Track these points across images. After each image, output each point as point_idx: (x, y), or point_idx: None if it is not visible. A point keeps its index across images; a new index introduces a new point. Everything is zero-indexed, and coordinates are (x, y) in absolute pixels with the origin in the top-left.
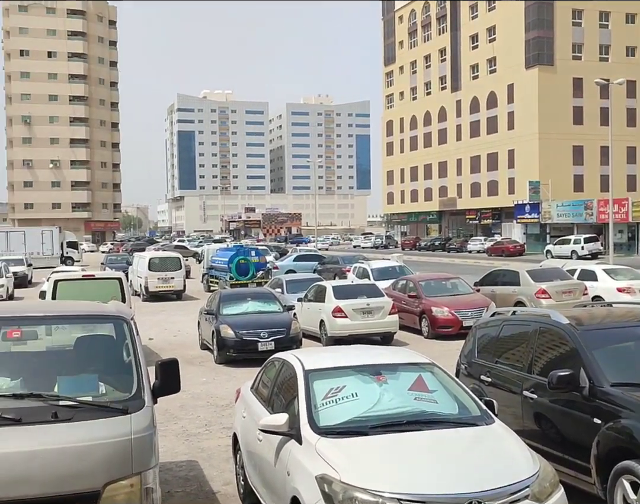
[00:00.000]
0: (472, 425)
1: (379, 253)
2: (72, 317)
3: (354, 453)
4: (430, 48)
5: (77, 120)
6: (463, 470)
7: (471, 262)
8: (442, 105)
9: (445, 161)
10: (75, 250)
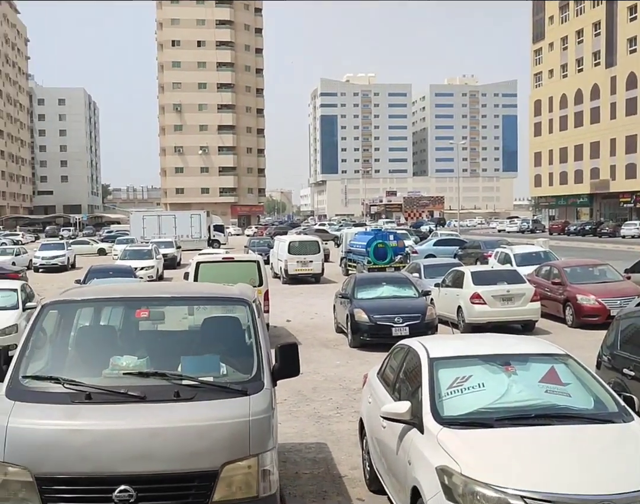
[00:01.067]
0: (608, 422)
1: (525, 238)
2: (197, 299)
3: (476, 445)
4: (583, 22)
5: (224, 107)
6: (595, 469)
7: (624, 248)
8: (595, 82)
9: (597, 141)
10: (221, 233)
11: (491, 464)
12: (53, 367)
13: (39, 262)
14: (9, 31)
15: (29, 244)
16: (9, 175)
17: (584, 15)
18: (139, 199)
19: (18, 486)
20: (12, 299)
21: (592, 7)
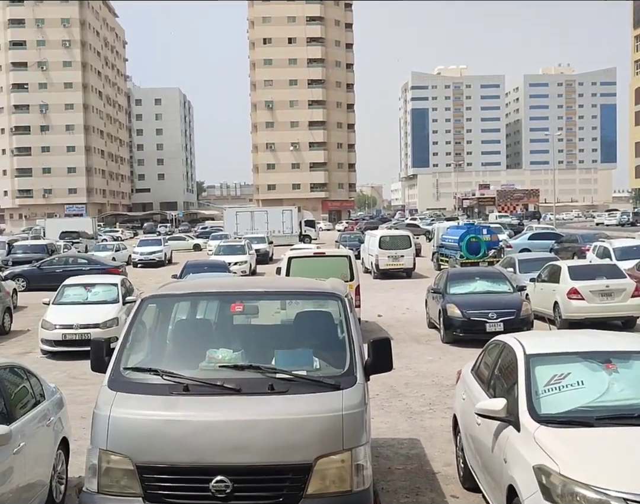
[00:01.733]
0: None
1: (625, 231)
2: (290, 294)
3: (576, 444)
4: None
5: (315, 103)
6: None
7: None
8: None
9: None
10: (312, 228)
11: (592, 465)
12: (152, 360)
13: (138, 257)
14: (108, 35)
15: (128, 241)
16: (109, 173)
17: None
18: (232, 195)
19: (120, 473)
20: (113, 293)
21: None
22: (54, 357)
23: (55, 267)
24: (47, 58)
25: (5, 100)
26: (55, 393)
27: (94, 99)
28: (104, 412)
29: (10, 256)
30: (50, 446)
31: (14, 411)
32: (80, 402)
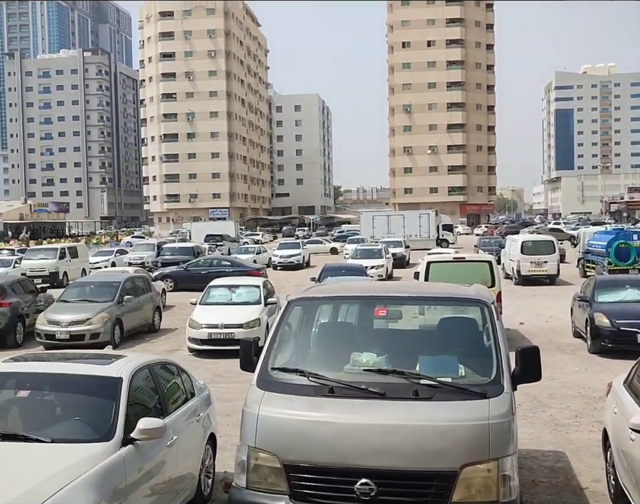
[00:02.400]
0: None
1: None
2: (434, 299)
3: None
4: None
5: (454, 105)
6: None
7: None
8: None
9: None
10: (450, 232)
11: None
12: (297, 361)
13: (277, 260)
14: (251, 44)
15: (267, 244)
16: (251, 179)
17: None
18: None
19: (268, 471)
20: (256, 295)
21: None
22: (200, 355)
23: (201, 269)
24: (193, 68)
25: (155, 109)
26: (204, 390)
27: (237, 106)
28: (252, 410)
29: (159, 258)
30: (199, 441)
31: (167, 405)
32: (224, 399)
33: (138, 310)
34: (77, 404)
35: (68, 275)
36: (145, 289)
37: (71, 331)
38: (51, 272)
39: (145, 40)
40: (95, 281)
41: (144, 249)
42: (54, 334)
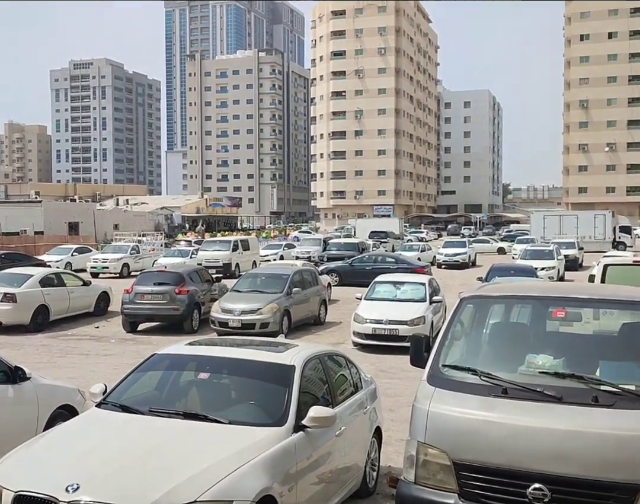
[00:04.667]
0: None
1: None
2: (614, 302)
3: None
4: None
5: (635, 100)
6: None
7: None
8: None
9: None
10: (627, 235)
11: None
12: (468, 359)
13: (442, 258)
14: (422, 40)
15: (432, 242)
16: (416, 176)
17: None
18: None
19: (437, 467)
20: (421, 292)
21: None
22: (364, 349)
23: (365, 265)
24: (363, 66)
25: (325, 107)
26: (371, 383)
27: (405, 103)
28: (423, 406)
29: (325, 252)
30: (365, 433)
31: (336, 396)
32: (388, 395)
33: (305, 302)
34: (252, 389)
35: (240, 266)
36: (312, 283)
37: (243, 319)
38: (225, 263)
39: (317, 39)
40: (266, 273)
41: (310, 244)
42: (227, 322)
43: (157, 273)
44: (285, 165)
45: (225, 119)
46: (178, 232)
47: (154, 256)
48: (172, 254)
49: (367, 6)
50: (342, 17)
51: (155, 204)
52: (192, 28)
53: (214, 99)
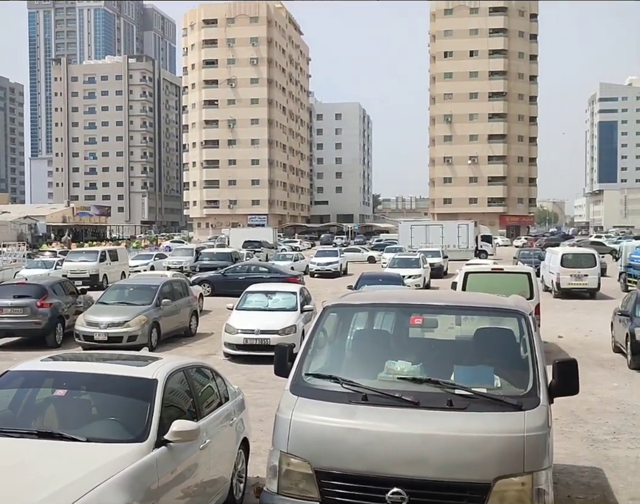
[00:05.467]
0: None
1: None
2: (472, 309)
3: None
4: None
5: (495, 116)
6: None
7: None
8: None
9: None
10: (489, 244)
11: None
12: (332, 367)
13: (315, 267)
14: (293, 52)
15: (305, 251)
16: (290, 186)
17: None
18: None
19: (299, 476)
20: (292, 302)
21: None
22: (235, 360)
23: (238, 275)
24: (236, 75)
25: (197, 116)
26: (238, 394)
27: (278, 114)
28: (286, 416)
29: (198, 262)
30: (232, 445)
31: (201, 409)
32: (258, 405)
33: (175, 314)
34: (112, 405)
35: (108, 278)
36: (182, 294)
37: (109, 332)
38: (92, 275)
39: (189, 47)
40: (134, 284)
41: (182, 254)
42: (92, 335)
43: (17, 286)
44: (157, 173)
45: (93, 125)
46: (42, 243)
47: (16, 267)
48: (35, 266)
49: (238, 16)
50: (214, 26)
51: (18, 213)
52: (57, 31)
53: (81, 104)
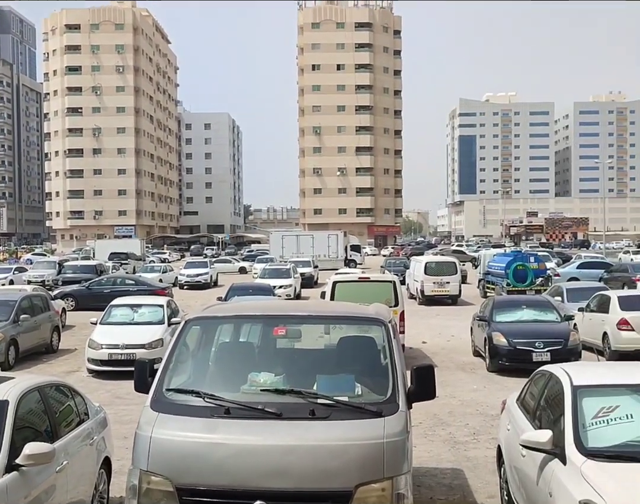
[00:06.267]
0: None
1: None
2: (333, 318)
3: (624, 480)
4: None
5: (362, 128)
6: None
7: None
8: None
9: None
10: (358, 253)
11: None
12: (195, 381)
13: (184, 279)
14: (161, 60)
15: (175, 262)
16: (158, 196)
17: None
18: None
19: (160, 495)
20: (159, 315)
21: None
22: (100, 376)
23: (104, 288)
24: (101, 83)
25: (60, 123)
26: (99, 412)
27: (145, 123)
28: (145, 432)
29: (60, 276)
30: (92, 465)
31: (58, 429)
32: (124, 422)
33: (35, 330)
34: None
35: None
36: (43, 308)
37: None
38: None
39: (50, 52)
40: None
41: (44, 267)
42: None
43: None
44: (17, 183)
45: None
46: None
47: None
48: None
49: (103, 22)
50: (76, 31)
51: None
52: None
53: None
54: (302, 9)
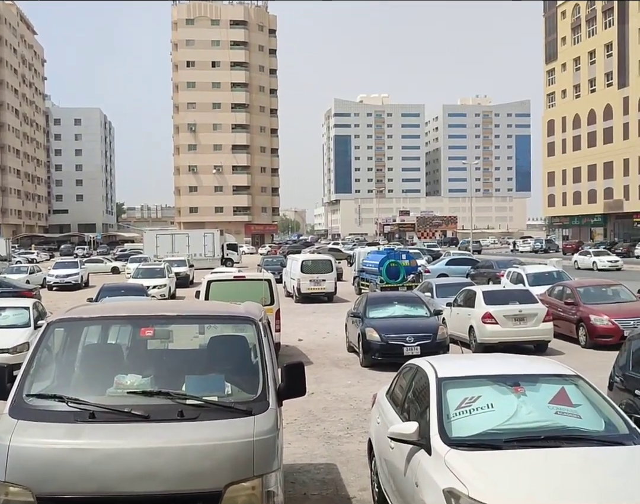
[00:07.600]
0: (619, 444)
1: (538, 257)
2: (202, 318)
3: (485, 467)
4: (595, 43)
5: (238, 127)
6: (605, 492)
7: (638, 268)
8: (608, 102)
9: (611, 161)
10: (234, 252)
11: (499, 487)
12: (58, 386)
13: (53, 280)
14: (26, 52)
15: (43, 263)
16: (25, 194)
17: (596, 36)
18: (152, 218)
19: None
20: (24, 317)
21: (604, 28)
22: None
23: None
24: None
25: None
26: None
27: (10, 117)
28: (3, 442)
29: None
30: None
31: None
32: None
33: None
34: None
35: None
36: None
37: None
38: None
39: None
40: None
41: None
42: None
43: None
44: None
45: None
46: None
47: None
48: None
49: None
50: None
51: None
52: None
53: None
54: (176, 5)
